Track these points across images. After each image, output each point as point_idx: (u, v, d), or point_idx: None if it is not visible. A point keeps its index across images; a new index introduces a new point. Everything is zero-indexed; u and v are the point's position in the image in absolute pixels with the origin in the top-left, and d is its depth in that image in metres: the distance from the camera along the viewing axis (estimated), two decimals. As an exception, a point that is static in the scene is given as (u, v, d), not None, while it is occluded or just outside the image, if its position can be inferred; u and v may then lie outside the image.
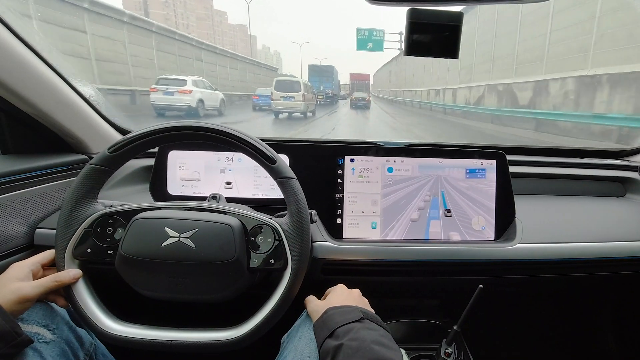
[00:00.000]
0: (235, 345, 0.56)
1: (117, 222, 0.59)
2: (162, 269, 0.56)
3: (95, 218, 0.58)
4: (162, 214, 0.58)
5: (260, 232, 0.60)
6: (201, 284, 0.57)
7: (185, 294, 0.58)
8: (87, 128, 0.94)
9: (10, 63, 0.74)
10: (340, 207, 0.86)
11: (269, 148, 0.61)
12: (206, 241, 0.56)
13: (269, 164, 0.60)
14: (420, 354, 0.81)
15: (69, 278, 0.57)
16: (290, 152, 0.88)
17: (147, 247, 0.55)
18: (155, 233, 0.56)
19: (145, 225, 0.57)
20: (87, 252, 0.58)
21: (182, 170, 0.90)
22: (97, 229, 0.58)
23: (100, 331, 0.57)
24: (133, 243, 0.56)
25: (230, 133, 0.59)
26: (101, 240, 0.58)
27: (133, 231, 0.56)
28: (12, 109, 0.80)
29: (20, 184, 0.76)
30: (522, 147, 1.18)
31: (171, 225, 0.56)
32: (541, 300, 1.19)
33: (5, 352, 0.48)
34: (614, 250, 0.84)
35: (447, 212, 0.86)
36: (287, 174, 0.61)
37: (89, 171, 0.58)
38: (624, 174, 1.10)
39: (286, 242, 0.59)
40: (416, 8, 0.53)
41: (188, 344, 0.56)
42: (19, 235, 0.75)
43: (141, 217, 0.57)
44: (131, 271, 0.57)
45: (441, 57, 0.59)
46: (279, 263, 0.59)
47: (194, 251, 0.55)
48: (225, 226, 0.57)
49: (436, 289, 0.96)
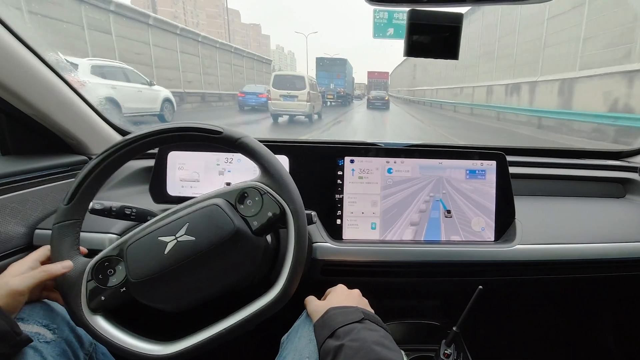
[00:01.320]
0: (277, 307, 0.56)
1: (112, 262, 0.57)
2: (176, 275, 0.55)
3: (89, 270, 0.56)
4: (149, 228, 0.57)
5: (245, 196, 0.59)
6: (222, 270, 0.56)
7: (213, 288, 0.57)
8: (87, 129, 0.94)
9: (10, 64, 0.74)
10: (340, 208, 0.86)
11: (206, 123, 0.58)
12: (202, 228, 0.55)
13: (215, 136, 0.58)
14: (420, 355, 0.80)
15: (58, 269, 0.55)
16: (290, 153, 0.88)
17: (153, 263, 0.54)
18: (153, 247, 0.55)
19: (139, 246, 0.56)
20: (102, 301, 0.56)
21: (181, 170, 0.90)
22: (99, 275, 0.56)
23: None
24: (138, 267, 0.55)
25: (160, 129, 0.57)
26: (106, 284, 0.56)
27: (132, 258, 0.55)
28: (12, 110, 0.80)
29: (19, 185, 0.76)
30: (522, 148, 1.18)
31: (163, 233, 0.55)
32: (541, 301, 1.19)
33: (4, 351, 0.48)
34: (614, 251, 0.84)
35: (446, 212, 0.86)
36: (237, 135, 0.58)
37: (57, 231, 0.56)
38: (624, 174, 1.10)
39: (272, 191, 0.58)
40: (416, 9, 0.53)
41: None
42: (18, 236, 0.75)
43: (132, 242, 0.56)
44: (150, 293, 0.56)
45: (441, 58, 0.59)
46: (276, 212, 0.58)
47: (195, 243, 0.55)
48: (211, 207, 0.56)
49: (436, 290, 0.96)
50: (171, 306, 0.57)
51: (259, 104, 13.23)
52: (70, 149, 0.95)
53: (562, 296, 1.17)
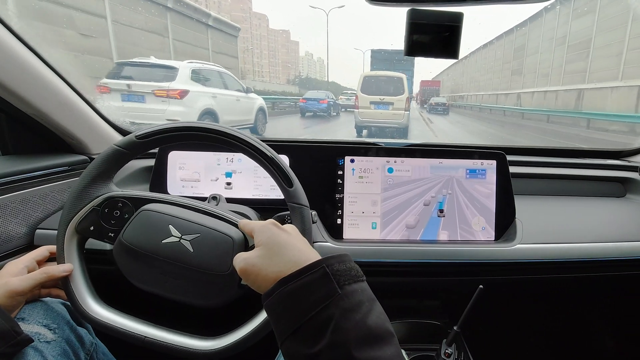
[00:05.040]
0: (208, 357, 0.56)
1: (125, 207, 0.59)
2: (156, 265, 0.56)
3: (106, 198, 0.59)
4: (169, 210, 0.58)
5: None
6: (190, 287, 0.57)
7: (172, 294, 0.58)
8: (88, 129, 0.94)
9: (11, 64, 0.74)
10: (340, 207, 0.86)
11: (290, 171, 0.60)
12: (205, 249, 0.56)
13: (286, 187, 0.59)
14: (420, 355, 0.80)
15: (59, 271, 0.56)
16: (291, 152, 0.88)
17: (147, 241, 0.56)
18: (159, 228, 0.56)
19: (150, 218, 0.57)
20: (89, 230, 0.58)
21: (182, 170, 0.90)
22: (105, 209, 0.59)
23: (82, 311, 0.57)
24: (135, 233, 0.56)
25: (262, 151, 0.59)
26: (106, 221, 0.59)
27: (138, 221, 0.57)
28: (12, 109, 0.80)
29: (20, 185, 0.76)
30: (522, 147, 1.18)
31: (175, 224, 0.56)
32: (541, 300, 1.19)
33: (4, 351, 0.48)
34: (614, 251, 0.84)
35: (447, 212, 0.86)
36: (302, 201, 0.60)
37: (112, 152, 0.58)
38: (624, 174, 1.10)
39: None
40: (416, 8, 0.53)
41: (161, 344, 0.56)
42: (19, 235, 0.75)
43: (148, 209, 0.57)
44: (126, 259, 0.57)
45: (441, 58, 0.59)
46: None
47: (191, 255, 0.55)
48: (226, 238, 0.56)
49: (436, 290, 0.96)
50: (136, 282, 0.59)
51: (319, 110, 13.04)
52: (70, 148, 0.95)
53: (562, 295, 1.17)
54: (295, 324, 0.35)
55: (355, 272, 0.39)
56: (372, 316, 0.35)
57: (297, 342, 0.35)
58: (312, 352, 0.33)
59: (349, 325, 0.34)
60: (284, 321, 0.36)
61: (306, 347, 0.34)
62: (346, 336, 0.33)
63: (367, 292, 0.38)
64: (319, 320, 0.34)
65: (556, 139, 10.10)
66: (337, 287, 0.36)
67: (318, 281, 0.36)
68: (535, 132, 11.42)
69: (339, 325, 0.33)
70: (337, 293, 0.35)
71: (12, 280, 0.53)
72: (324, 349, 0.33)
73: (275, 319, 0.37)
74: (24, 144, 0.89)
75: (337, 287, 0.36)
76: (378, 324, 0.35)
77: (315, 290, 0.36)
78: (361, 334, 0.33)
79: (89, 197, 0.58)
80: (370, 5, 0.51)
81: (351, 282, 0.37)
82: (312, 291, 0.36)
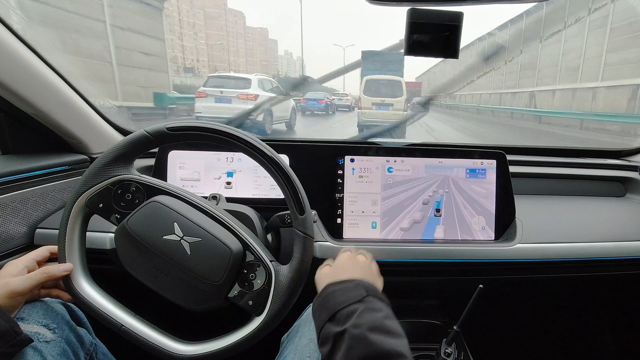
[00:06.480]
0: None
1: (137, 192, 0.59)
2: (151, 257, 0.56)
3: (122, 179, 0.59)
4: (178, 207, 0.58)
5: (255, 269, 0.58)
6: (177, 287, 0.57)
7: (158, 288, 0.58)
8: (88, 128, 0.94)
9: (11, 63, 0.74)
10: (340, 207, 0.86)
11: (305, 198, 0.60)
12: (203, 255, 0.56)
13: (297, 214, 0.59)
14: (420, 354, 0.81)
15: (59, 271, 0.56)
16: (290, 152, 0.88)
17: (149, 233, 0.56)
18: (164, 223, 0.56)
19: (158, 210, 0.57)
20: (98, 207, 0.59)
21: (182, 170, 0.90)
22: (119, 190, 0.59)
23: (68, 284, 0.58)
24: (140, 222, 0.57)
25: (284, 170, 0.58)
26: (116, 202, 0.59)
27: (145, 211, 0.57)
28: (12, 109, 0.80)
29: (20, 184, 0.76)
30: (522, 147, 1.18)
31: (180, 223, 0.56)
32: (541, 300, 1.19)
33: (4, 351, 0.48)
34: (614, 251, 0.84)
35: (447, 211, 0.86)
36: (308, 231, 0.60)
37: (140, 136, 0.58)
38: (624, 173, 1.10)
39: (272, 294, 0.57)
40: (416, 8, 0.53)
41: (134, 335, 0.56)
42: (19, 235, 0.75)
43: (158, 201, 0.58)
44: (125, 244, 0.58)
45: (441, 57, 0.59)
46: (254, 308, 0.57)
47: (187, 258, 0.55)
48: (226, 249, 0.56)
49: (436, 289, 0.96)
50: (127, 268, 0.59)
51: (319, 109, 13.89)
52: (70, 148, 0.95)
53: (562, 295, 1.17)
54: (332, 312, 0.48)
55: (382, 296, 0.53)
56: (388, 320, 0.48)
57: (332, 325, 0.47)
58: (340, 330, 0.46)
59: (369, 316, 0.46)
60: (325, 310, 0.50)
61: (337, 327, 0.46)
62: (365, 321, 0.46)
63: (388, 310, 0.50)
64: (348, 310, 0.48)
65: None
66: (365, 294, 0.50)
67: (352, 288, 0.52)
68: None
69: (361, 314, 0.47)
70: (365, 296, 0.50)
71: (12, 280, 0.53)
72: (348, 328, 0.45)
73: (319, 311, 0.51)
74: (24, 143, 0.89)
75: (366, 293, 0.50)
76: (392, 324, 0.47)
77: (349, 293, 0.50)
78: (376, 325, 0.45)
79: (106, 174, 0.59)
80: (355, 2, 0.51)
81: (377, 298, 0.51)
82: (347, 293, 0.50)
